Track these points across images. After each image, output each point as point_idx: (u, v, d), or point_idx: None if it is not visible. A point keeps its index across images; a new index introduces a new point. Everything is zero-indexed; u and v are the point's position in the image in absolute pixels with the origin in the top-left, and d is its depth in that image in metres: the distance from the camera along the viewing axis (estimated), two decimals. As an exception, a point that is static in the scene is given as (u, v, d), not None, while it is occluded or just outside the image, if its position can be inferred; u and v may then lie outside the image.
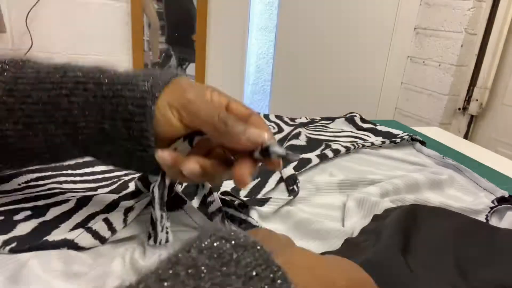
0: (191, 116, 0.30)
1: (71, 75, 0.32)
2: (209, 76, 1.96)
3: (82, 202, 0.40)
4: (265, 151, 0.29)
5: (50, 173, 0.47)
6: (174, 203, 0.40)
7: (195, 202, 0.43)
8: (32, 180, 0.45)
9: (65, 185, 0.45)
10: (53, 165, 0.48)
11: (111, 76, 0.32)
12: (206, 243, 0.16)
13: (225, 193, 0.44)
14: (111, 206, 0.40)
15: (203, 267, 0.15)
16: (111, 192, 0.44)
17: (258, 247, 0.16)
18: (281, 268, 0.16)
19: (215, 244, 0.16)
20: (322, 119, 0.84)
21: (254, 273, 0.15)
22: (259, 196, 0.47)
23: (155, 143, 0.31)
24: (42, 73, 0.32)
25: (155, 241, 0.35)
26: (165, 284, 0.14)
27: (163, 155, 0.30)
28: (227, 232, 0.17)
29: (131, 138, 0.31)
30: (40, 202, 0.40)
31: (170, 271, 0.14)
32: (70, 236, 0.34)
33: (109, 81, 0.31)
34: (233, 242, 0.16)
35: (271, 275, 0.15)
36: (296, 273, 0.17)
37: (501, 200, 0.49)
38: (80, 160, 0.38)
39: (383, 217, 0.42)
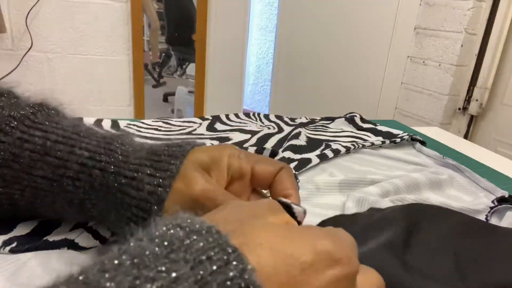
0: (202, 212, 0.30)
1: (78, 153, 0.30)
2: (209, 76, 1.96)
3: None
4: None
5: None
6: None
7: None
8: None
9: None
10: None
11: (117, 161, 0.30)
12: (160, 231, 0.16)
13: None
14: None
15: (150, 255, 0.14)
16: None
17: (214, 231, 0.16)
18: (237, 250, 0.15)
19: (169, 232, 0.16)
20: (322, 119, 0.84)
21: (204, 257, 0.14)
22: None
23: None
24: (50, 142, 0.31)
25: None
26: (106, 275, 0.13)
27: None
28: (184, 218, 0.16)
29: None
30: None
31: (116, 261, 0.14)
32: (70, 236, 0.34)
33: (115, 170, 0.29)
34: (187, 228, 0.16)
35: (225, 257, 0.15)
36: (252, 252, 0.16)
37: (501, 200, 0.49)
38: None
39: (381, 210, 0.42)
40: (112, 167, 0.30)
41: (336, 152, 0.61)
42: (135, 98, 1.76)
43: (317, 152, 0.61)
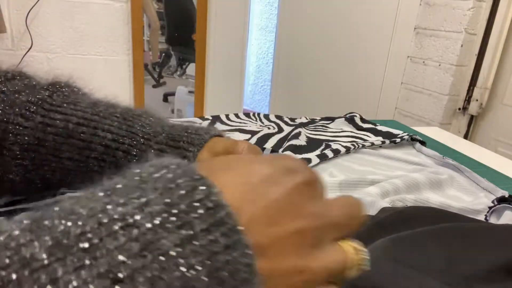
0: None
1: (101, 135, 0.31)
2: (209, 76, 1.96)
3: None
4: None
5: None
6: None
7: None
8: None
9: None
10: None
11: (139, 144, 0.32)
12: (133, 170, 0.17)
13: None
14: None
15: (122, 188, 0.15)
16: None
17: (182, 165, 0.17)
18: (204, 177, 0.16)
19: (139, 170, 0.17)
20: (322, 119, 0.84)
21: (173, 185, 0.15)
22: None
23: None
24: (72, 124, 0.32)
25: None
26: (80, 204, 0.15)
27: None
28: (156, 160, 0.17)
29: None
30: (40, 202, 0.40)
31: (90, 195, 0.15)
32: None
33: (138, 153, 0.31)
34: (158, 165, 0.17)
35: (192, 183, 0.15)
36: (214, 177, 0.17)
37: (501, 200, 0.49)
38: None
39: (375, 217, 0.42)
40: (135, 150, 0.31)
41: (336, 152, 0.61)
42: (135, 98, 1.76)
43: (317, 152, 0.61)
